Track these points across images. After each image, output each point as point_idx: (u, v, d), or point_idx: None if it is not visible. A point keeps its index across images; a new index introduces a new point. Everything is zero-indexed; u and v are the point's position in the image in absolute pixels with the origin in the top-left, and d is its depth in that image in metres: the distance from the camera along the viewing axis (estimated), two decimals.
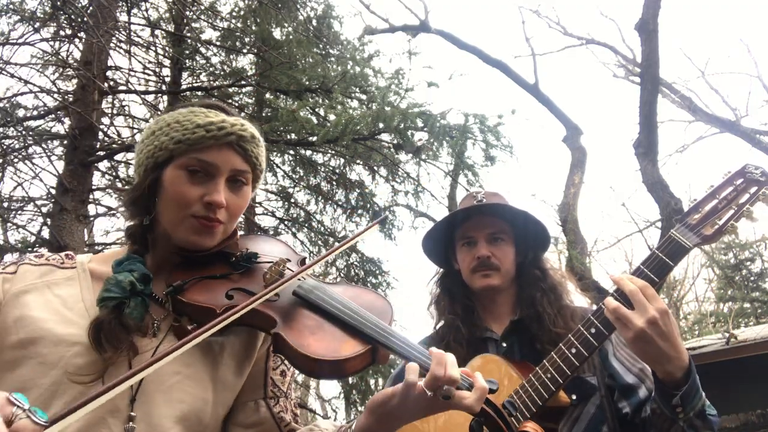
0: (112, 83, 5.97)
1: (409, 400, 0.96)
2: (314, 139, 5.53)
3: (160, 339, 1.05)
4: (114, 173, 6.31)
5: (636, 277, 1.30)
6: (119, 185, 6.29)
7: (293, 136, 6.01)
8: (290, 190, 7.70)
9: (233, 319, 0.97)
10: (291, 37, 6.66)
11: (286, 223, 7.54)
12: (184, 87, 6.61)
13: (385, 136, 6.07)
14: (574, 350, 1.36)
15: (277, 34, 6.83)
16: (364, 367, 1.03)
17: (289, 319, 1.04)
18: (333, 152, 7.03)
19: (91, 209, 5.63)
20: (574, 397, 1.50)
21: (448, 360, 0.97)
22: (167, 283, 1.09)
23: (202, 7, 6.85)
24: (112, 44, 5.68)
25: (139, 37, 6.31)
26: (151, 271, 1.12)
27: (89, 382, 0.95)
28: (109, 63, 5.80)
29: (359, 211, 7.39)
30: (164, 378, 1.00)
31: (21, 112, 5.69)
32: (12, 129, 5.32)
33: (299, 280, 1.13)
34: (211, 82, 6.73)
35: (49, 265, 1.12)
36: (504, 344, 1.69)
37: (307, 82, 5.99)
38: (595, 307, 1.40)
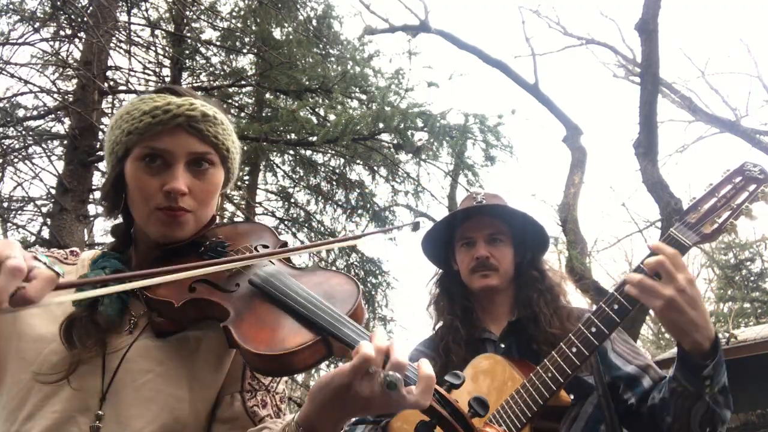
0: (112, 83, 5.96)
1: (352, 386, 0.82)
2: (314, 139, 5.52)
3: (135, 336, 1.03)
4: None
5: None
6: None
7: (293, 136, 6.00)
8: (290, 190, 7.71)
9: (159, 281, 0.89)
10: (291, 37, 6.66)
11: (286, 223, 7.54)
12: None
13: (385, 136, 6.06)
14: (574, 349, 1.36)
15: (277, 34, 6.83)
16: (318, 360, 0.92)
17: (242, 311, 0.97)
18: (333, 152, 7.03)
19: (91, 209, 5.62)
20: (572, 396, 1.50)
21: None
22: None
23: (202, 7, 6.85)
24: (112, 44, 5.68)
25: (139, 37, 6.31)
26: (135, 268, 1.11)
27: (54, 381, 0.95)
28: (109, 63, 5.80)
29: (359, 211, 7.39)
30: (135, 376, 0.98)
31: (21, 112, 5.69)
32: (12, 129, 5.32)
33: (270, 264, 1.07)
34: (211, 82, 6.72)
35: (54, 257, 1.13)
36: (502, 345, 1.69)
37: (307, 82, 5.99)
38: (594, 307, 1.40)
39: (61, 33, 5.75)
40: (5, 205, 5.51)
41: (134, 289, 1.03)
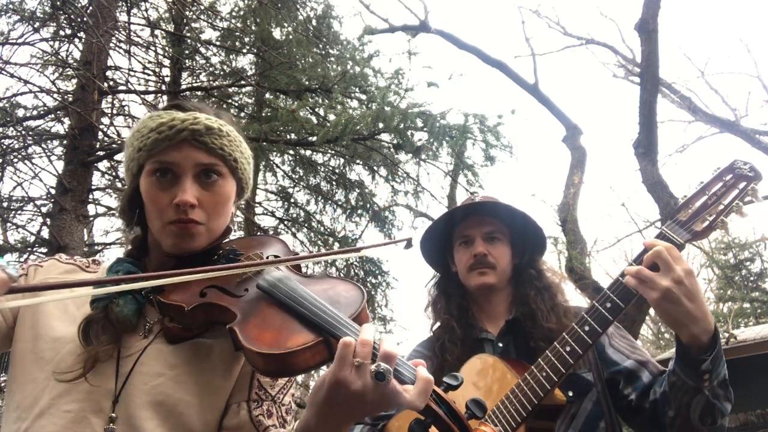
0: (111, 83, 5.97)
1: (342, 383, 0.84)
2: (314, 139, 5.52)
3: (150, 340, 1.06)
4: (114, 173, 6.32)
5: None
6: (119, 185, 6.30)
7: (293, 136, 6.01)
8: (290, 190, 7.72)
9: (167, 281, 0.96)
10: (291, 37, 6.66)
11: (285, 223, 7.55)
12: (183, 87, 6.61)
13: (384, 136, 6.06)
14: (568, 348, 1.36)
15: (277, 34, 6.84)
16: (319, 362, 0.93)
17: (249, 314, 1.00)
18: (333, 152, 7.04)
19: (91, 209, 5.65)
20: (570, 394, 1.50)
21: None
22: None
23: (202, 7, 6.86)
24: (111, 44, 5.69)
25: (139, 37, 6.32)
26: None
27: (72, 379, 0.97)
28: (109, 63, 5.81)
29: (359, 211, 7.40)
30: (147, 379, 1.00)
31: (21, 112, 5.71)
32: (12, 129, 5.34)
33: (278, 270, 1.11)
34: (211, 82, 6.74)
35: (75, 265, 1.18)
36: (500, 344, 1.69)
37: (306, 82, 5.99)
38: None
39: (61, 33, 5.77)
40: (5, 205, 5.52)
41: (147, 293, 1.08)
